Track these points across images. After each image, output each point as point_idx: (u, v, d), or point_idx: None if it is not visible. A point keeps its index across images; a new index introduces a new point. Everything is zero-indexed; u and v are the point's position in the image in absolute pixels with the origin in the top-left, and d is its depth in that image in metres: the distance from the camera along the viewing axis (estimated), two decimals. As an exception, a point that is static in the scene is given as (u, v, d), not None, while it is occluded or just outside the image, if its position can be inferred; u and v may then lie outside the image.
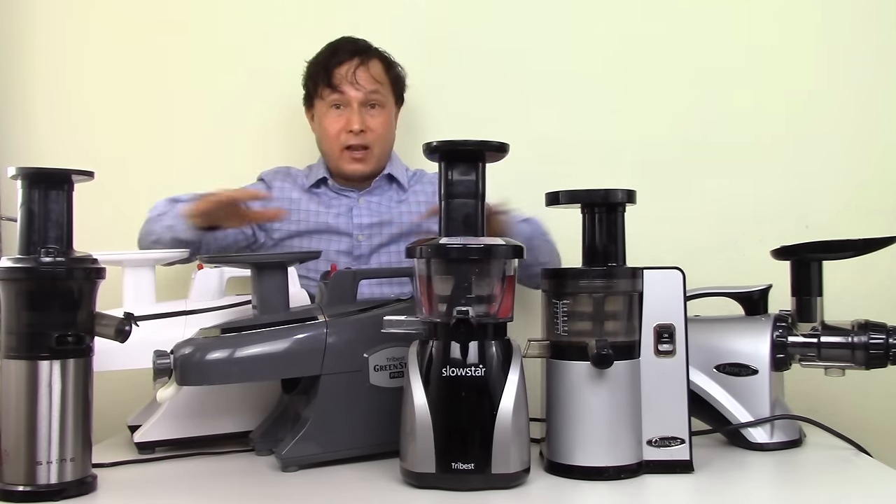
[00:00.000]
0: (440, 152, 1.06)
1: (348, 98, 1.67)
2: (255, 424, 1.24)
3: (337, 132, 1.68)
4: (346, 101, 1.68)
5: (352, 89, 1.67)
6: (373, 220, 1.70)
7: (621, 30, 1.88)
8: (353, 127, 1.66)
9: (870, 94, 1.83)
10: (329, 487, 1.04)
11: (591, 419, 1.04)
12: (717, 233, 1.84)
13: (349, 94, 1.67)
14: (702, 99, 1.86)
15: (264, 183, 1.75)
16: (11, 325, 0.97)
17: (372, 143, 1.69)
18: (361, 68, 1.68)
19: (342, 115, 1.68)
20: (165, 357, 1.05)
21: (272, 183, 1.73)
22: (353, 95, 1.67)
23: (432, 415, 0.98)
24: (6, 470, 0.97)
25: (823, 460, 1.17)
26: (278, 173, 1.77)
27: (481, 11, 1.91)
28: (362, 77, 1.68)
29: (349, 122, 1.67)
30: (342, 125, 1.67)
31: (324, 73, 1.69)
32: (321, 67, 1.70)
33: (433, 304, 1.04)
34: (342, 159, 1.69)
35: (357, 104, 1.67)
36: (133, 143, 1.93)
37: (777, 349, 1.24)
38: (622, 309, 1.08)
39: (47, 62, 1.96)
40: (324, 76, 1.69)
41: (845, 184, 1.82)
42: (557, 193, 1.11)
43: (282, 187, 1.72)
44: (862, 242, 1.27)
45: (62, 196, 1.00)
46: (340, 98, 1.68)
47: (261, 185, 1.75)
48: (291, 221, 1.70)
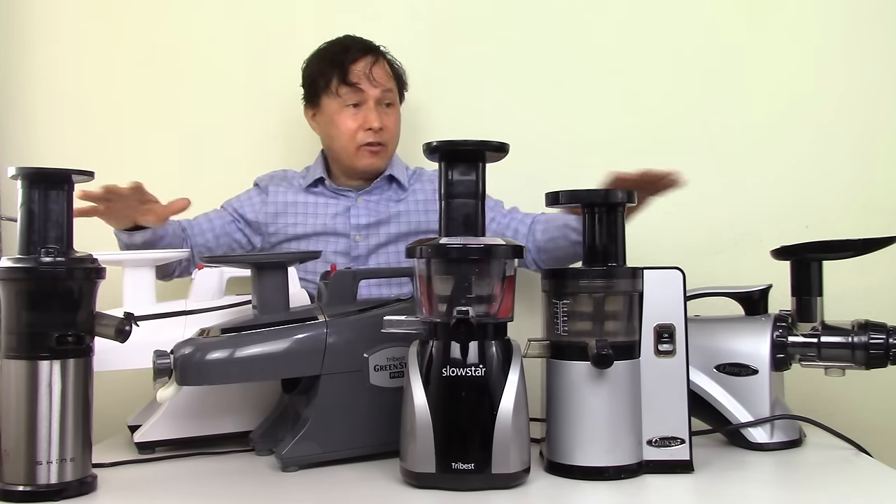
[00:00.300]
0: (440, 152, 1.06)
1: (366, 95, 1.66)
2: (255, 424, 1.24)
3: (353, 130, 1.66)
4: (363, 99, 1.66)
5: (370, 86, 1.66)
6: (370, 221, 1.68)
7: (622, 30, 1.88)
8: (374, 125, 1.65)
9: (871, 93, 1.83)
10: (329, 487, 1.04)
11: (591, 419, 1.04)
12: (717, 233, 1.83)
13: (368, 91, 1.65)
14: (702, 99, 1.86)
15: (258, 188, 1.75)
16: (11, 325, 0.97)
17: (387, 141, 1.69)
18: (377, 65, 1.67)
19: (359, 112, 1.66)
20: (165, 357, 1.05)
21: (267, 188, 1.73)
22: (371, 93, 1.66)
23: (432, 415, 0.98)
24: (6, 470, 0.97)
25: (823, 460, 1.17)
26: (273, 177, 1.76)
27: (482, 11, 1.91)
28: (379, 74, 1.67)
29: (367, 119, 1.65)
30: (359, 123, 1.66)
31: (339, 70, 1.66)
32: (335, 64, 1.67)
33: (433, 304, 1.04)
34: (358, 156, 1.68)
35: (374, 102, 1.66)
36: (133, 144, 1.93)
37: (777, 349, 1.24)
38: (622, 309, 1.08)
39: (47, 62, 1.96)
40: (339, 73, 1.66)
41: (846, 184, 1.82)
42: (557, 193, 1.11)
43: (276, 191, 1.72)
44: (862, 242, 1.27)
45: (62, 196, 1.00)
46: (357, 95, 1.66)
47: (255, 190, 1.75)
48: (288, 224, 1.69)
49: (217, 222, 1.69)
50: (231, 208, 1.72)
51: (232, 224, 1.71)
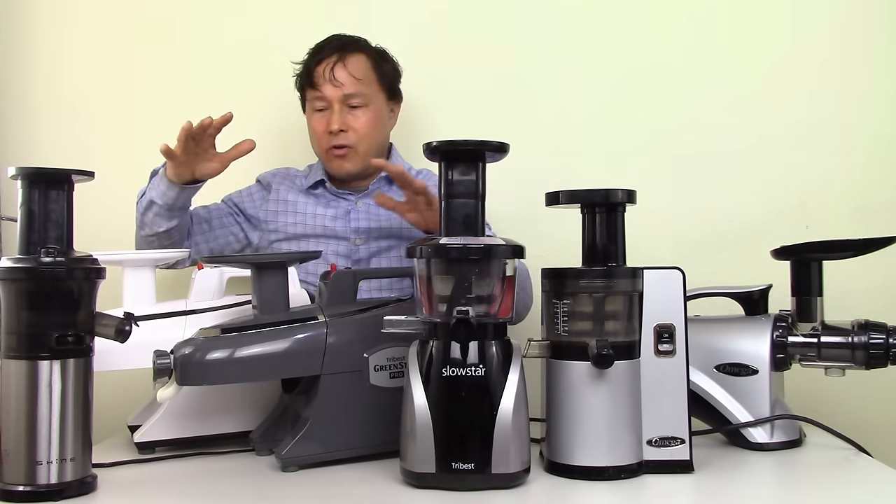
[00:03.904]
0: (440, 152, 1.06)
1: (328, 97, 1.64)
2: (255, 424, 1.24)
3: (321, 133, 1.65)
4: (326, 101, 1.64)
5: (330, 87, 1.63)
6: (370, 225, 1.67)
7: (623, 30, 1.88)
8: (332, 127, 1.62)
9: (871, 93, 1.83)
10: (329, 487, 1.04)
11: (591, 419, 1.04)
12: (717, 233, 1.83)
13: (328, 93, 1.63)
14: (702, 99, 1.86)
15: (260, 184, 1.75)
16: (11, 325, 0.97)
17: (355, 143, 1.65)
18: (339, 65, 1.63)
19: (324, 115, 1.65)
20: (165, 357, 1.05)
21: (270, 185, 1.73)
22: (331, 94, 1.63)
23: (432, 415, 0.98)
24: (6, 470, 0.97)
25: (823, 460, 1.17)
26: (276, 175, 1.75)
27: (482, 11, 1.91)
28: (340, 74, 1.63)
29: (329, 122, 1.64)
30: (324, 126, 1.64)
31: (306, 74, 1.67)
32: (304, 68, 1.68)
33: (433, 304, 1.04)
34: (328, 159, 1.67)
35: (337, 104, 1.63)
36: (133, 143, 1.93)
37: (777, 349, 1.24)
38: (622, 309, 1.08)
39: (47, 62, 1.96)
40: (305, 76, 1.67)
41: (845, 184, 1.82)
42: (557, 193, 1.11)
43: (279, 189, 1.72)
44: (862, 242, 1.27)
45: (62, 196, 1.01)
46: (321, 98, 1.64)
47: (256, 186, 1.75)
48: (288, 224, 1.69)
49: (215, 213, 1.69)
50: (231, 202, 1.72)
51: (230, 216, 1.70)
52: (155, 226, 1.52)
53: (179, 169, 1.47)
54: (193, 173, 1.49)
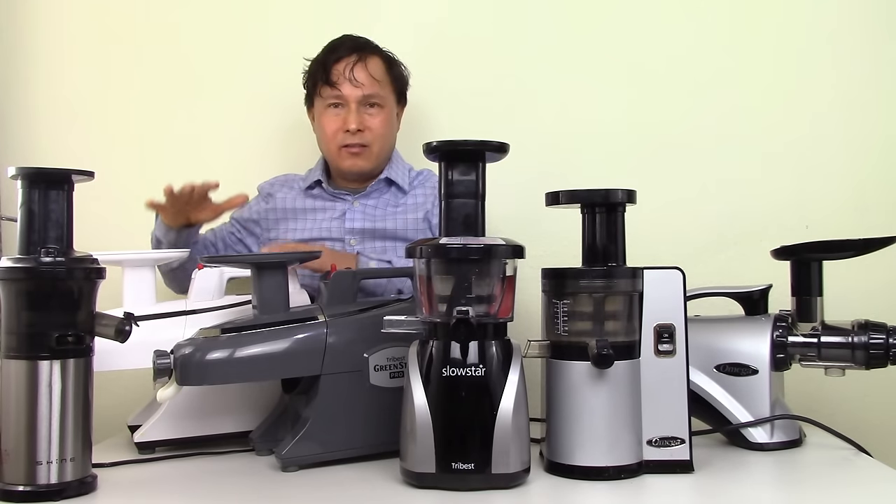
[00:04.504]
0: (440, 152, 1.06)
1: (346, 96, 1.65)
2: (255, 424, 1.24)
3: (334, 131, 1.66)
4: (343, 100, 1.66)
5: (349, 87, 1.65)
6: (365, 226, 1.67)
7: (624, 32, 1.88)
8: (350, 126, 1.64)
9: (870, 94, 1.83)
10: (329, 487, 1.04)
11: (591, 419, 1.04)
12: (717, 233, 1.84)
13: (346, 92, 1.65)
14: (702, 99, 1.86)
15: (260, 195, 1.76)
16: (11, 325, 0.97)
17: (370, 142, 1.67)
18: (359, 65, 1.65)
19: (340, 113, 1.66)
20: (165, 357, 1.05)
21: (270, 194, 1.74)
22: (350, 94, 1.65)
23: (432, 415, 0.98)
24: (6, 470, 0.97)
25: (823, 460, 1.17)
26: (275, 183, 1.77)
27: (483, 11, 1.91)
28: (360, 75, 1.65)
29: (346, 121, 1.64)
30: (339, 124, 1.65)
31: (322, 71, 1.67)
32: (320, 65, 1.68)
33: (433, 304, 1.04)
34: (340, 157, 1.68)
35: (355, 103, 1.65)
36: (133, 143, 1.93)
37: (777, 349, 1.24)
38: (622, 309, 1.08)
39: (47, 62, 1.96)
40: (322, 74, 1.67)
41: (845, 184, 1.82)
42: (557, 193, 1.11)
43: (283, 198, 1.73)
44: (862, 242, 1.27)
45: (62, 196, 1.01)
46: (338, 96, 1.66)
47: (256, 198, 1.75)
48: (289, 230, 1.70)
49: (220, 235, 1.73)
50: (237, 223, 1.75)
51: (232, 236, 1.74)
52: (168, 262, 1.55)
53: (172, 217, 1.51)
54: (188, 219, 1.52)
